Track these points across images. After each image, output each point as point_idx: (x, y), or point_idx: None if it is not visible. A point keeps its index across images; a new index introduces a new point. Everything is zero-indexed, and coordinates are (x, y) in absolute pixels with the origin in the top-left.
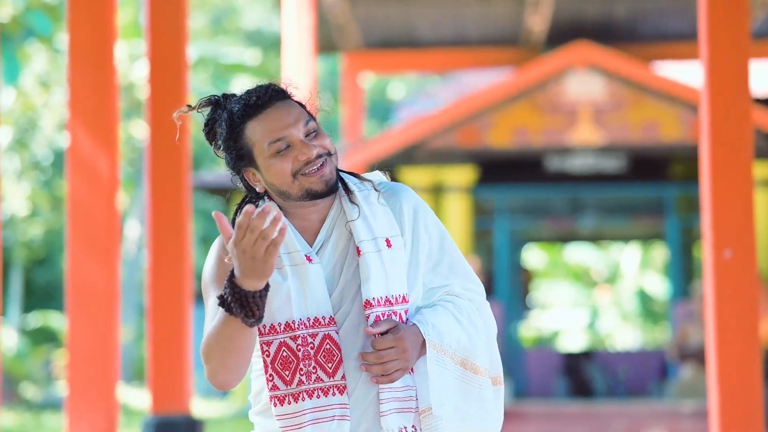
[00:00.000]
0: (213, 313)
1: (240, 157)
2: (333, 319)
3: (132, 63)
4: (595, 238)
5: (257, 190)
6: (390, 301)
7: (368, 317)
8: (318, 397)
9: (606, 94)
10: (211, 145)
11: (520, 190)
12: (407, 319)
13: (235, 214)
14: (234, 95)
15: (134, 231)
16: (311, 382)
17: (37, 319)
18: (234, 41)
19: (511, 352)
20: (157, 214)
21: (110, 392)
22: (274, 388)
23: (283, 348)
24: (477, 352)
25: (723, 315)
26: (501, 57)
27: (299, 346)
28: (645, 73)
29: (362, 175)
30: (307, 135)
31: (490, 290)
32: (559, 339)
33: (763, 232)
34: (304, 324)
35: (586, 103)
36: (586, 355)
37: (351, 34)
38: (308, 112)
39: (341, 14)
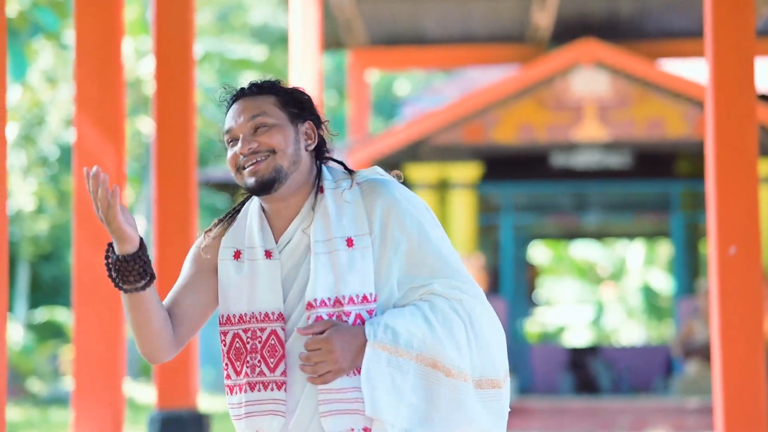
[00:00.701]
0: (175, 285)
1: (225, 149)
2: (282, 315)
3: (139, 59)
4: (600, 235)
5: None
6: (340, 302)
7: (309, 318)
8: (259, 390)
9: (611, 90)
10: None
11: (525, 186)
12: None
13: (237, 204)
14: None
15: (141, 227)
16: (254, 375)
17: (43, 314)
18: (240, 37)
19: (517, 348)
20: (163, 210)
21: (116, 387)
22: (228, 377)
23: (237, 339)
24: (448, 354)
25: (727, 311)
26: (507, 54)
27: (248, 339)
28: (650, 70)
29: (360, 170)
30: (255, 129)
31: (495, 286)
32: (565, 335)
33: None
34: (255, 318)
35: (591, 100)
36: (591, 351)
37: (357, 30)
38: (282, 105)
39: (348, 10)
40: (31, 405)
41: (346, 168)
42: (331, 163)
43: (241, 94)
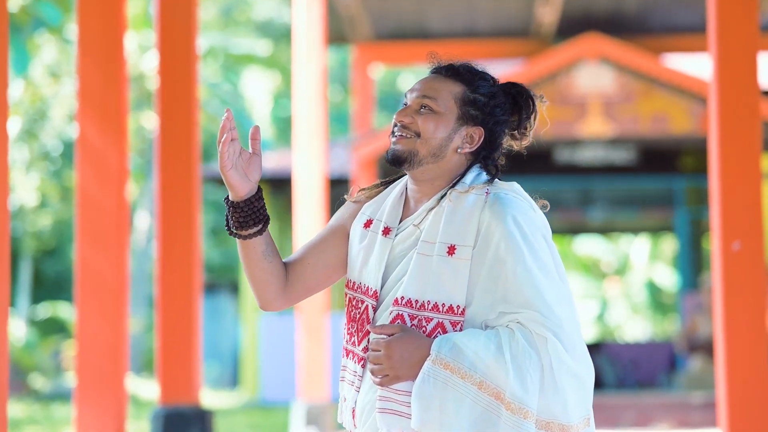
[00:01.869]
0: (308, 240)
1: None
2: (376, 293)
3: (142, 54)
4: (604, 230)
5: None
6: (424, 306)
7: (391, 313)
8: (350, 358)
9: (616, 86)
10: None
11: (529, 181)
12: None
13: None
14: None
15: (144, 222)
16: (349, 343)
17: (46, 309)
18: (244, 32)
19: None
20: (166, 205)
21: (119, 383)
22: (344, 337)
23: (350, 304)
24: (510, 387)
25: (731, 306)
26: (511, 49)
27: (353, 307)
28: (655, 65)
29: (498, 182)
30: (420, 107)
31: None
32: None
33: None
34: (360, 288)
35: (596, 95)
36: (596, 347)
37: (362, 25)
38: (460, 100)
39: (352, 5)
40: (33, 401)
41: (492, 176)
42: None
43: (436, 70)
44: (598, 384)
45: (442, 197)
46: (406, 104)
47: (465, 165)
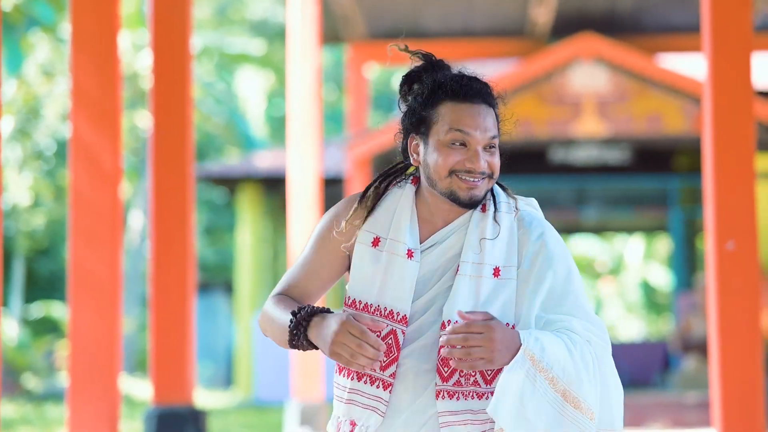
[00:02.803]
0: (299, 265)
1: (419, 122)
2: (405, 318)
3: (136, 53)
4: (599, 230)
5: (412, 159)
6: None
7: (440, 337)
8: (365, 382)
9: (610, 85)
10: (401, 91)
11: (524, 181)
12: None
13: (377, 180)
14: (448, 67)
15: (137, 221)
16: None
17: (39, 309)
18: (239, 31)
19: None
20: (160, 205)
21: (112, 383)
22: None
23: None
24: (583, 387)
25: (726, 306)
26: (506, 48)
27: (372, 331)
28: (649, 64)
29: (519, 198)
30: (485, 147)
31: None
32: None
33: (765, 224)
34: (379, 311)
35: (590, 95)
36: None
37: (356, 24)
38: (499, 125)
39: (346, 4)
40: (26, 401)
41: (506, 191)
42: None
43: (476, 97)
44: None
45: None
46: (462, 144)
47: None
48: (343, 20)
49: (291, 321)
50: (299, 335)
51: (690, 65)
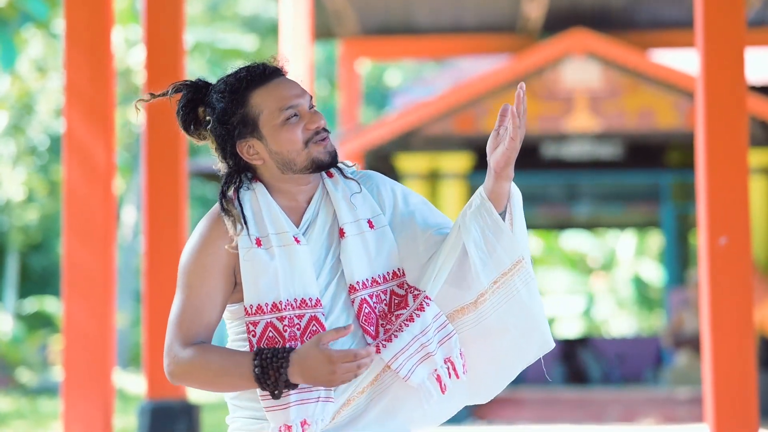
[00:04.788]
0: (192, 305)
1: (242, 125)
2: (319, 301)
3: (129, 48)
4: (591, 225)
5: (253, 162)
6: (377, 281)
7: (353, 302)
8: None
9: (602, 81)
10: (189, 129)
11: (516, 177)
12: (405, 292)
13: (222, 197)
14: (214, 79)
15: (131, 217)
16: None
17: (32, 304)
18: (231, 27)
19: None
20: (153, 200)
21: (106, 377)
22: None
23: (270, 328)
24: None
25: (718, 302)
26: (498, 44)
27: (285, 327)
28: (641, 60)
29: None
30: (311, 108)
31: None
32: (555, 326)
33: (758, 219)
34: (291, 305)
35: (582, 90)
36: (582, 342)
37: (348, 20)
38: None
39: (338, 0)
40: (20, 395)
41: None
42: None
43: (276, 73)
44: (584, 379)
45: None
46: (297, 114)
47: None
48: (335, 16)
49: (256, 371)
50: (277, 383)
51: (682, 61)
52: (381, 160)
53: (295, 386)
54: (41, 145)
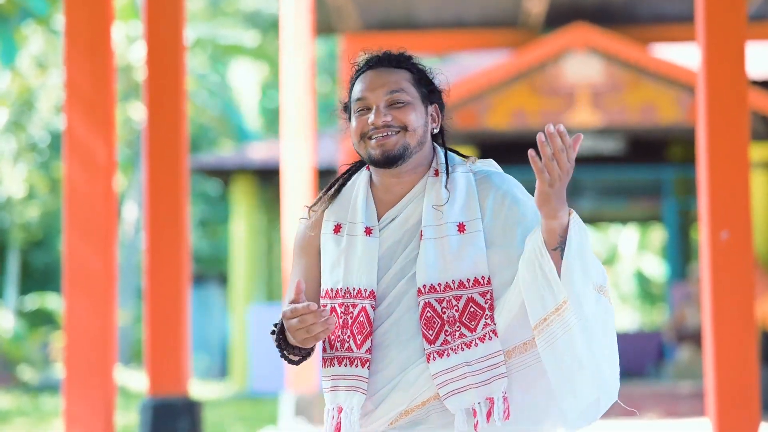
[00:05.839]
0: (291, 280)
1: (344, 110)
2: (373, 293)
3: (129, 44)
4: (593, 220)
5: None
6: (450, 287)
7: (419, 304)
8: (345, 365)
9: (604, 76)
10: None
11: (518, 172)
12: (487, 301)
13: (343, 174)
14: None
15: (132, 213)
16: (343, 350)
17: (34, 301)
18: (232, 23)
19: None
20: (154, 197)
21: (108, 374)
22: (323, 349)
23: (333, 313)
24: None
25: (720, 296)
26: (499, 39)
27: (342, 314)
28: (643, 55)
29: (475, 158)
30: (390, 104)
31: None
32: None
33: (760, 214)
34: (349, 293)
35: (584, 85)
36: None
37: (350, 15)
38: (419, 83)
39: None
40: (22, 392)
41: (460, 155)
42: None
43: (377, 64)
44: None
45: (426, 180)
46: (366, 108)
47: (431, 145)
48: (336, 11)
49: (275, 341)
50: (284, 347)
51: (684, 55)
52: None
53: (299, 350)
54: (42, 142)
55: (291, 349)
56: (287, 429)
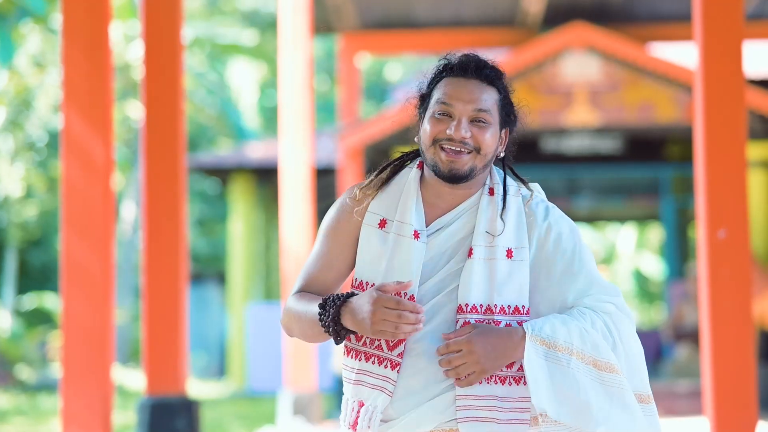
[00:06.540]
0: (313, 260)
1: (422, 101)
2: (413, 297)
3: (127, 43)
4: (591, 219)
5: (418, 140)
6: (491, 310)
7: (457, 321)
8: (373, 363)
9: (602, 75)
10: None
11: (516, 170)
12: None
13: (389, 164)
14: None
15: (130, 212)
16: (372, 347)
17: (32, 300)
18: (230, 22)
19: None
20: (152, 196)
21: (105, 373)
22: (348, 338)
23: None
24: (609, 354)
25: (717, 295)
26: (498, 38)
27: None
28: (641, 54)
29: (529, 183)
30: (473, 120)
31: None
32: None
33: (757, 212)
34: None
35: (582, 84)
36: None
37: (348, 14)
38: (502, 107)
39: None
40: (19, 392)
41: (516, 175)
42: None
43: (472, 74)
44: None
45: (480, 197)
46: (447, 115)
47: (491, 165)
48: (334, 10)
49: (320, 314)
50: (332, 326)
51: (682, 54)
52: (381, 155)
53: (350, 332)
54: (40, 141)
55: (338, 329)
56: (285, 428)
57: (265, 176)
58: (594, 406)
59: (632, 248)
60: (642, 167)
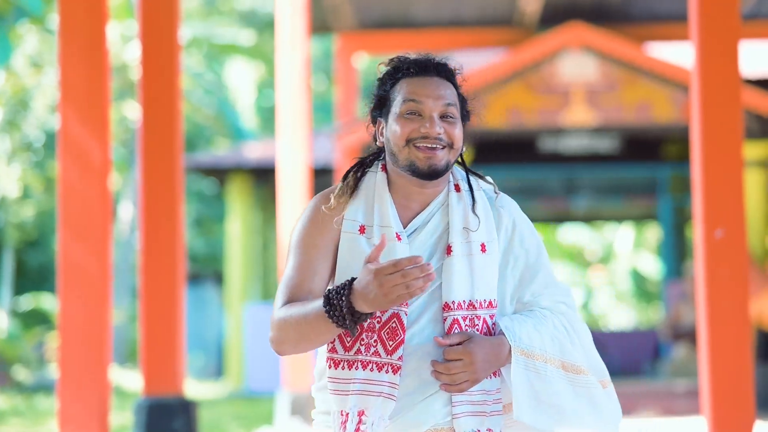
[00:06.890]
0: (294, 272)
1: (381, 103)
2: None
3: (124, 44)
4: (588, 219)
5: (379, 143)
6: (473, 305)
7: (445, 319)
8: (371, 370)
9: (599, 74)
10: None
11: (513, 170)
12: (492, 324)
13: (351, 170)
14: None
15: (127, 213)
16: (368, 355)
17: (29, 301)
18: (228, 22)
19: None
20: (149, 196)
21: (102, 374)
22: (333, 350)
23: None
24: (572, 354)
25: (714, 294)
26: (495, 37)
27: (370, 318)
28: (638, 53)
29: (483, 177)
30: (443, 116)
31: None
32: None
33: (754, 212)
34: None
35: (579, 84)
36: None
37: (345, 14)
38: (460, 102)
39: None
40: (16, 393)
41: (470, 171)
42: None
43: (432, 72)
44: None
45: (447, 194)
46: (417, 114)
47: None
48: (332, 10)
49: (328, 311)
50: (350, 316)
51: (678, 54)
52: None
53: (365, 317)
54: (37, 141)
55: (356, 317)
56: (283, 428)
57: (263, 176)
58: (567, 408)
59: (630, 248)
60: (639, 167)
